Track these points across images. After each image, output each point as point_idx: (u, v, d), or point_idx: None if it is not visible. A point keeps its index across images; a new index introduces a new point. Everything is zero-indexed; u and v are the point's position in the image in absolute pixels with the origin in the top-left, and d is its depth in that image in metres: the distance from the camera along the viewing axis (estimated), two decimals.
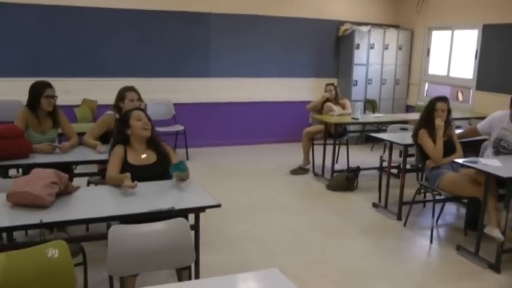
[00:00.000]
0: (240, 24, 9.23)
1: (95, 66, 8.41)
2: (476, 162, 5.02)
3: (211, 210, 3.46)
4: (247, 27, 9.30)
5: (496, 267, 4.73)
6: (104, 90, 8.01)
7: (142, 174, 3.80)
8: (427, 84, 10.32)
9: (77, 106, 7.69)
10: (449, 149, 5.53)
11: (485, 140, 5.99)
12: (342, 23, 10.00)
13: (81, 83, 8.24)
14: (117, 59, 8.51)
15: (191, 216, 3.54)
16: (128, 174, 3.67)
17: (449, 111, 5.64)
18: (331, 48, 10.18)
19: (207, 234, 5.07)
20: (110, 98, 6.14)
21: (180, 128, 8.46)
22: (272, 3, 9.41)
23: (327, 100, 7.94)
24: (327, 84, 8.13)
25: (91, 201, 3.50)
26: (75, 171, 5.35)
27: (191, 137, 8.66)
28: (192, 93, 9.06)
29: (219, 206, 3.46)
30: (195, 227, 3.50)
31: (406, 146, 5.89)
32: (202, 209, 3.48)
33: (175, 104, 8.73)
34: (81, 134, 5.19)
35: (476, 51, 8.92)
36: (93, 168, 5.27)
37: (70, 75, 8.15)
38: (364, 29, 9.80)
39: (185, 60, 8.92)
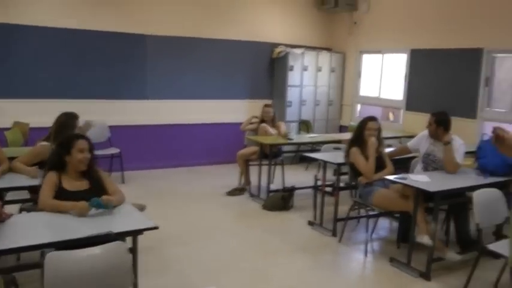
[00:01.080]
0: (177, 46, 9.23)
1: (27, 87, 8.10)
2: (406, 178, 5.24)
3: (149, 233, 3.46)
4: (184, 50, 9.32)
5: (426, 276, 4.96)
6: (37, 112, 7.83)
7: (77, 200, 3.71)
8: (359, 105, 10.61)
9: (8, 129, 7.48)
10: (379, 165, 5.77)
11: (414, 157, 6.26)
12: (276, 45, 10.19)
13: (12, 104, 7.94)
14: (51, 79, 8.28)
15: (129, 240, 3.51)
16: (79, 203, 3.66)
17: (379, 130, 5.91)
18: (266, 70, 10.34)
19: (145, 257, 5.04)
20: (43, 121, 6.05)
21: (115, 151, 8.33)
22: (208, 26, 9.49)
23: (263, 121, 8.06)
24: (265, 105, 8.26)
25: (25, 229, 3.38)
26: (6, 199, 5.16)
27: (127, 160, 8.55)
28: (129, 116, 8.96)
29: (156, 228, 3.46)
30: (133, 250, 3.47)
31: (340, 164, 6.06)
32: (140, 231, 3.47)
33: (110, 127, 8.61)
34: (12, 159, 5.03)
35: (406, 74, 9.26)
36: (25, 195, 5.05)
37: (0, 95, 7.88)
38: (298, 51, 10.02)
39: (122, 82, 8.83)
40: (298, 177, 8.46)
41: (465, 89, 8.13)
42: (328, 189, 6.58)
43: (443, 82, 8.51)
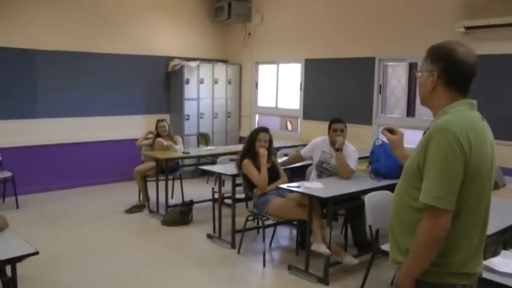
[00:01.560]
0: (69, 61, 8.85)
1: None
2: (299, 186, 5.25)
3: (42, 259, 3.28)
4: (77, 65, 8.96)
5: (324, 281, 5.01)
6: None
7: None
8: (257, 115, 10.66)
9: None
10: (273, 175, 5.78)
11: (310, 165, 6.31)
12: (171, 58, 10.06)
13: None
14: None
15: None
16: None
17: (270, 141, 5.95)
18: (162, 84, 10.17)
19: (39, 284, 4.85)
20: None
21: (7, 174, 7.78)
22: (101, 41, 9.20)
23: (158, 136, 7.91)
24: (159, 121, 8.12)
25: None
26: None
27: (22, 183, 8.03)
28: (20, 136, 8.43)
29: (36, 253, 3.26)
30: (12, 280, 3.26)
31: (234, 176, 6.03)
32: (18, 259, 3.25)
33: (1, 149, 8.07)
34: None
35: (301, 83, 9.39)
36: None
37: None
38: (193, 64, 9.93)
39: (10, 100, 8.30)
40: (198, 190, 8.34)
41: (360, 96, 8.34)
42: (228, 201, 6.50)
43: (339, 90, 8.70)
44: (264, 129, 5.97)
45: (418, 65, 7.36)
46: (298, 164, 6.51)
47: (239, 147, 8.37)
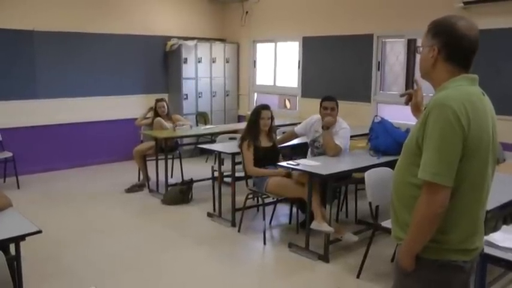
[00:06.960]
0: (67, 42, 8.82)
1: None
2: (298, 164, 5.24)
3: (44, 238, 3.29)
4: (75, 45, 8.93)
5: (325, 258, 5.03)
6: None
7: None
8: (256, 94, 10.64)
9: None
10: (274, 154, 5.80)
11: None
12: (169, 38, 10.01)
13: None
14: None
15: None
16: None
17: (272, 118, 5.95)
18: (160, 63, 10.14)
19: (41, 263, 4.87)
20: None
21: (7, 155, 7.81)
22: (98, 20, 9.15)
23: (157, 115, 7.89)
24: (158, 100, 8.10)
25: None
26: None
27: (23, 164, 8.09)
28: (20, 117, 8.43)
29: (39, 232, 3.25)
30: (16, 258, 3.24)
31: (234, 154, 6.02)
32: (22, 237, 3.24)
33: (1, 130, 8.08)
34: None
35: (299, 61, 9.36)
36: None
37: None
38: (191, 43, 9.89)
39: (9, 81, 8.29)
40: (197, 169, 8.34)
41: (359, 74, 8.32)
42: (228, 179, 6.51)
43: (337, 68, 8.66)
44: (266, 107, 5.94)
45: (417, 41, 7.37)
46: (297, 142, 6.52)
47: (238, 125, 8.41)
